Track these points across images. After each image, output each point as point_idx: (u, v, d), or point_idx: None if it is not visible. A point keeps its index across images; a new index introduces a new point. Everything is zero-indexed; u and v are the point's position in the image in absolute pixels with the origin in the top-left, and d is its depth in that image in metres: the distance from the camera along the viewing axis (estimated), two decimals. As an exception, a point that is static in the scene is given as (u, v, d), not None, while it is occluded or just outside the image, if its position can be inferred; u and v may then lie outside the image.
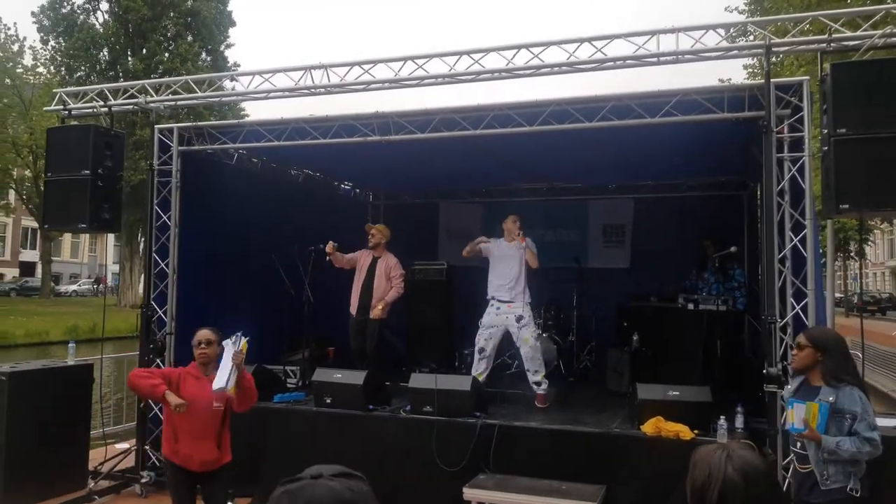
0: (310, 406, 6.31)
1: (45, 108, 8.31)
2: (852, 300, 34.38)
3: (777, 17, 4.93)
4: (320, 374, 6.30)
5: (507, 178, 9.44)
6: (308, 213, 8.45)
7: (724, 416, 5.02)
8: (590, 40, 5.34)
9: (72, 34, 31.81)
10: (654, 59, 5.18)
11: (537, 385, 6.70)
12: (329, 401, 6.13)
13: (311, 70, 6.11)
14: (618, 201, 9.84)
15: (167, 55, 32.01)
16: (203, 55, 33.44)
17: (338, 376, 6.21)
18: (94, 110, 6.81)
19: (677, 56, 5.13)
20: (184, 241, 6.84)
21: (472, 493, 5.02)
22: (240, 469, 5.98)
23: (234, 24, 35.35)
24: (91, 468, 6.40)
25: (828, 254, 15.90)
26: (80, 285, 45.32)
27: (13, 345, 22.12)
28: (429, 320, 8.48)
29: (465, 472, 5.35)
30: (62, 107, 6.85)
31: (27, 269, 45.10)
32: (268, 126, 6.61)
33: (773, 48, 4.89)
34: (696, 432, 5.07)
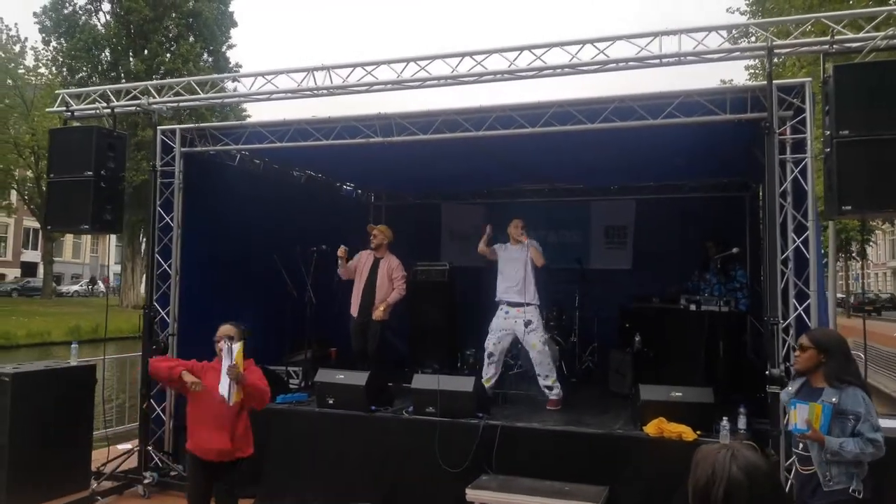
0: (312, 407, 6.31)
1: (47, 110, 8.32)
2: (849, 301, 34.51)
3: (779, 19, 4.93)
4: (323, 375, 6.31)
5: (509, 180, 9.44)
6: (310, 213, 8.46)
7: (726, 417, 5.03)
8: (592, 42, 5.34)
9: (73, 35, 31.86)
10: (657, 61, 5.17)
11: (549, 389, 6.67)
12: (331, 402, 6.13)
13: (314, 71, 6.11)
14: (620, 202, 9.84)
15: (169, 56, 32.06)
16: (205, 56, 33.49)
17: (340, 377, 6.21)
18: (97, 111, 6.82)
19: (680, 58, 5.13)
20: (186, 243, 6.86)
21: (474, 494, 5.02)
22: (243, 470, 6.05)
23: (235, 24, 35.42)
24: (94, 469, 6.38)
25: (829, 254, 15.89)
26: (81, 286, 45.37)
27: (15, 345, 22.13)
28: (431, 321, 8.47)
29: (467, 473, 5.35)
30: (65, 108, 6.85)
31: (29, 269, 45.16)
32: (270, 127, 6.62)
33: (776, 50, 4.88)
34: (698, 433, 5.07)
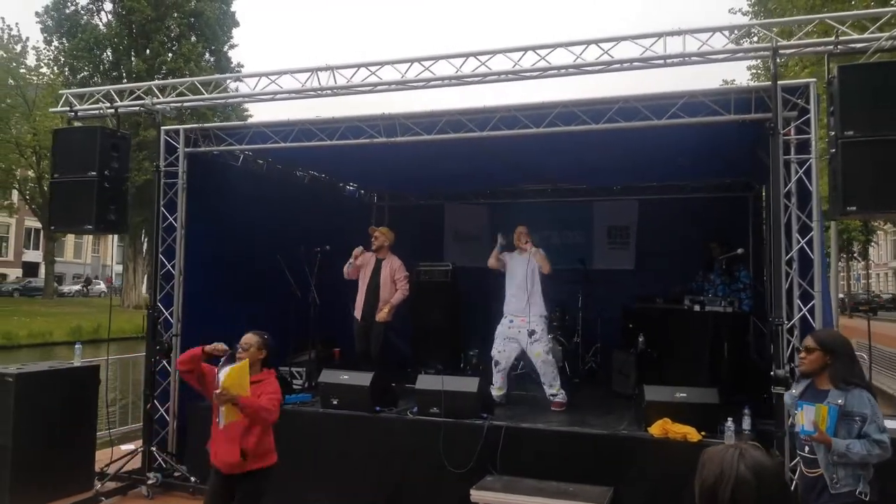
0: (316, 407, 6.31)
1: (51, 110, 8.32)
2: (846, 301, 34.46)
3: (784, 20, 4.93)
4: (327, 376, 6.31)
5: (513, 180, 9.44)
6: (313, 214, 8.46)
7: (731, 418, 5.03)
8: (596, 42, 5.33)
9: (75, 35, 31.84)
10: (661, 62, 5.17)
11: (553, 397, 6.68)
12: (336, 402, 6.13)
13: (318, 72, 6.10)
14: (622, 203, 9.83)
15: (170, 56, 32.06)
16: (206, 56, 33.48)
17: (344, 378, 6.21)
18: (101, 112, 6.81)
19: (684, 58, 5.12)
20: (190, 243, 6.85)
21: (479, 495, 5.02)
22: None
23: (237, 24, 35.40)
24: (97, 469, 6.39)
25: (831, 255, 15.89)
26: (78, 286, 45.37)
27: (17, 345, 22.15)
28: (434, 322, 8.46)
29: (471, 473, 5.35)
30: (69, 108, 6.85)
31: (30, 269, 45.18)
32: (274, 127, 6.61)
33: (780, 50, 4.88)
34: (703, 434, 5.08)
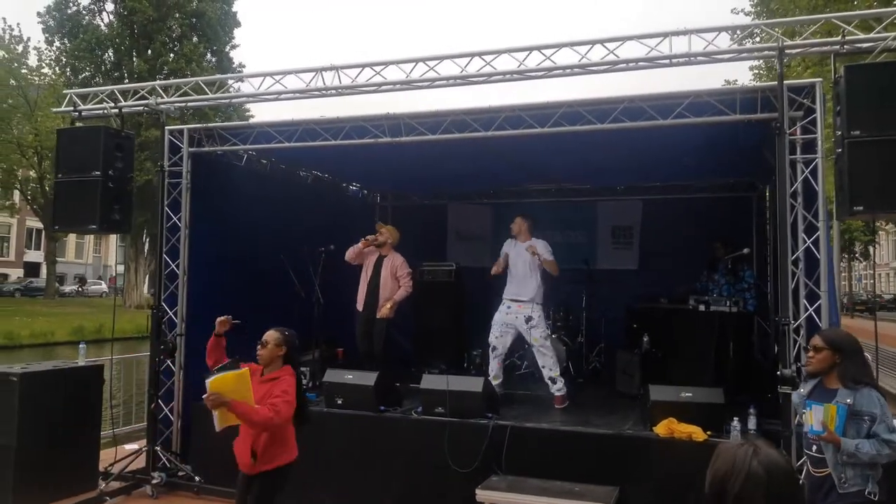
0: (321, 407, 6.28)
1: (55, 110, 8.30)
2: (843, 301, 34.41)
3: (790, 20, 4.92)
4: (331, 375, 6.30)
5: (516, 180, 9.43)
6: (317, 214, 8.44)
7: (737, 418, 5.02)
8: (602, 42, 5.32)
9: (77, 35, 31.89)
10: (667, 61, 5.16)
11: (552, 382, 6.69)
12: (340, 402, 6.13)
13: (323, 71, 6.09)
14: (626, 203, 9.83)
15: (172, 56, 32.09)
16: (208, 56, 33.52)
17: (349, 377, 6.21)
18: (105, 111, 6.81)
19: (689, 58, 5.10)
20: (193, 243, 6.84)
21: (484, 495, 5.01)
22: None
23: (238, 24, 35.45)
24: (101, 469, 6.38)
25: (833, 255, 15.85)
26: (75, 286, 45.37)
27: (18, 345, 22.16)
28: (438, 321, 8.46)
29: (476, 473, 5.34)
30: (72, 108, 6.84)
31: (31, 269, 45.19)
32: (278, 127, 6.60)
33: (786, 50, 4.87)
34: (708, 434, 5.06)
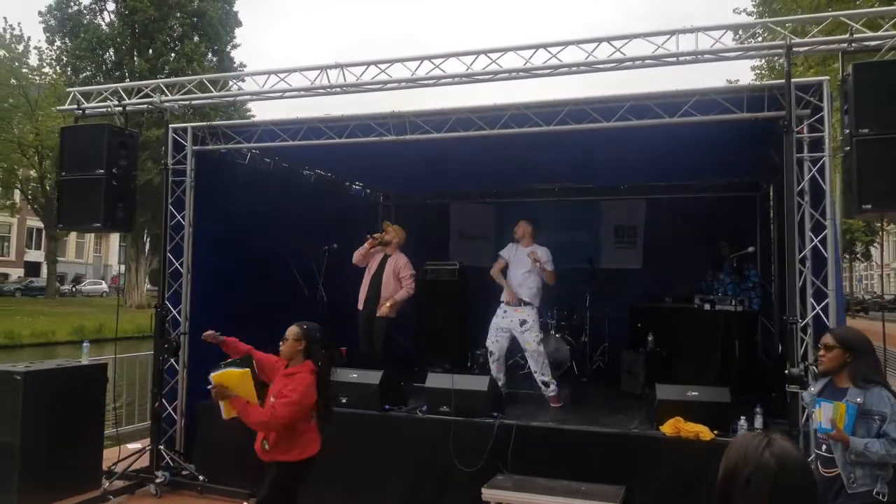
0: (325, 406, 6.28)
1: (59, 108, 8.28)
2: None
3: (798, 17, 4.91)
4: (335, 374, 6.26)
5: (519, 179, 9.41)
6: (320, 213, 8.42)
7: (743, 417, 5.01)
8: (608, 40, 5.30)
9: (78, 34, 31.90)
10: (674, 59, 5.13)
11: (545, 385, 6.74)
12: (344, 401, 6.10)
13: (328, 69, 6.07)
14: (630, 202, 9.81)
15: (173, 56, 32.10)
16: (209, 56, 33.51)
17: (353, 376, 6.19)
18: (109, 109, 6.79)
19: (696, 56, 5.09)
20: (197, 241, 6.84)
21: (490, 494, 4.99)
22: (256, 470, 6.01)
23: (240, 24, 35.44)
24: (105, 468, 6.37)
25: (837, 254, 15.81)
26: (84, 285, 45.34)
27: (19, 345, 22.13)
28: (441, 321, 8.45)
29: (482, 472, 5.32)
30: (76, 106, 6.83)
31: (32, 269, 45.18)
32: (283, 126, 6.58)
33: (794, 48, 4.86)
34: (715, 433, 5.05)
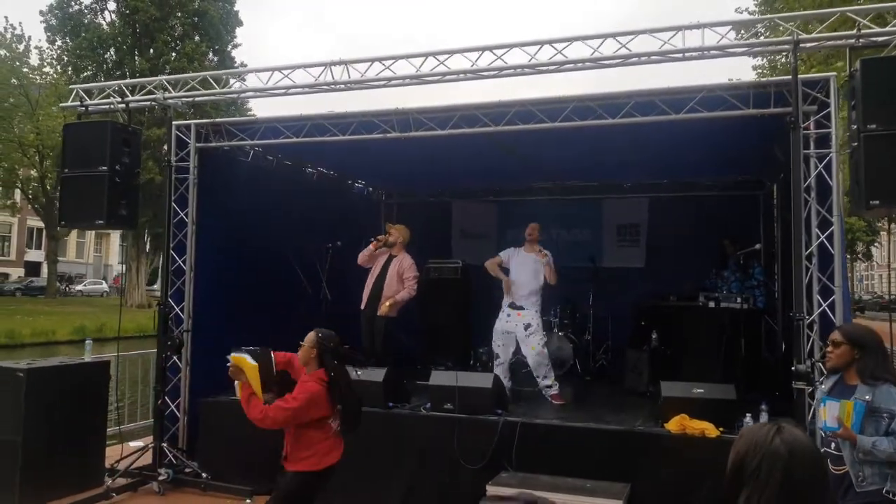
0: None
1: (62, 105, 8.25)
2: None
3: (806, 13, 4.90)
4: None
5: (522, 178, 9.39)
6: (322, 211, 8.40)
7: (749, 414, 4.99)
8: (614, 36, 5.27)
9: (79, 34, 31.88)
10: (680, 55, 5.12)
11: (549, 388, 6.77)
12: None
13: (332, 66, 6.06)
14: (632, 200, 9.79)
15: (174, 55, 32.06)
16: (210, 55, 33.49)
17: (357, 373, 6.14)
18: (112, 106, 6.78)
19: (703, 52, 5.08)
20: (199, 239, 6.82)
21: (495, 491, 4.96)
22: (259, 467, 6.00)
23: (240, 24, 35.41)
24: (107, 466, 6.35)
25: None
26: (85, 285, 45.29)
27: (20, 344, 22.07)
28: (444, 319, 8.43)
29: (486, 469, 5.31)
30: (79, 103, 6.82)
31: (32, 269, 45.14)
32: (286, 122, 6.56)
33: (801, 44, 4.84)
34: (721, 430, 5.02)
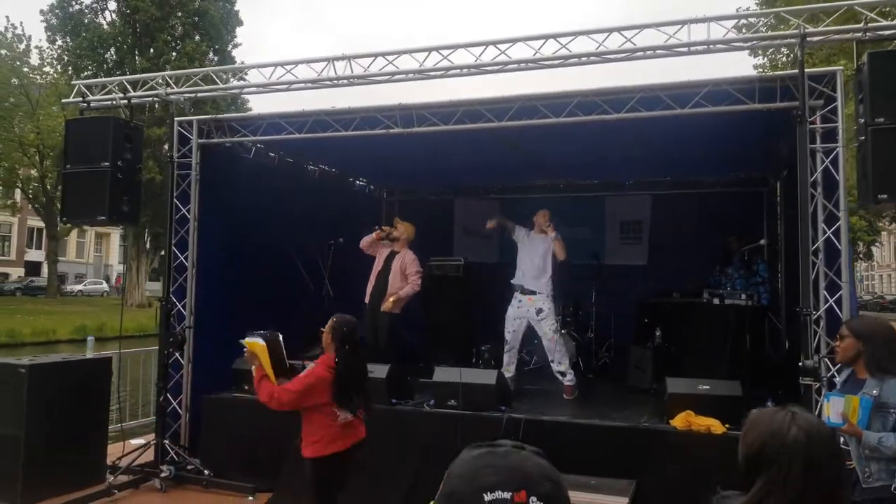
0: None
1: (64, 101, 8.24)
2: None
3: (811, 7, 4.85)
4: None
5: (524, 175, 9.37)
6: (324, 208, 8.39)
7: (755, 410, 4.95)
8: (619, 30, 5.25)
9: (79, 33, 31.86)
10: (685, 49, 5.08)
11: (562, 375, 6.71)
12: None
13: (334, 61, 6.03)
14: (635, 198, 9.76)
15: (174, 55, 32.04)
16: (210, 55, 33.46)
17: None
18: (114, 102, 6.75)
19: (709, 45, 5.04)
20: (202, 235, 6.79)
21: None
22: (262, 464, 5.99)
23: (241, 23, 35.41)
24: (109, 463, 6.32)
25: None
26: (86, 285, 45.27)
27: (20, 343, 22.04)
28: (446, 316, 8.41)
29: (491, 466, 5.27)
30: (81, 99, 6.79)
31: (32, 268, 45.12)
32: (288, 118, 6.54)
33: (808, 37, 4.81)
34: (727, 426, 4.99)
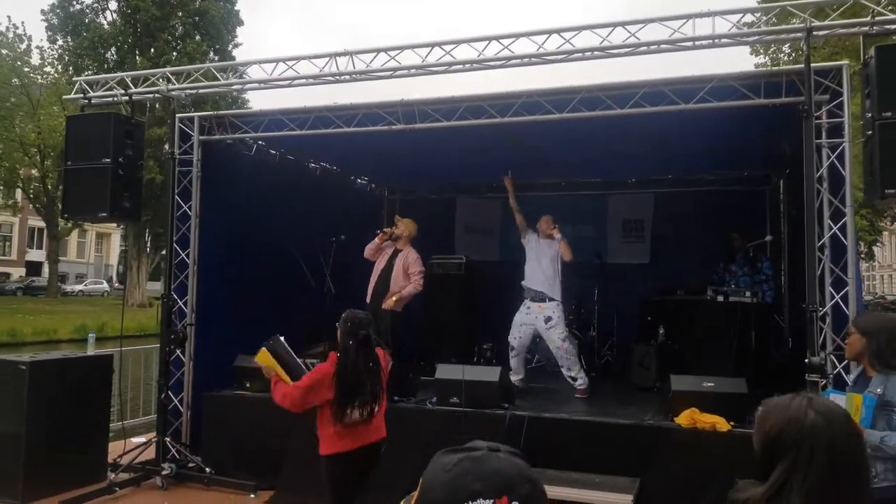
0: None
1: (65, 97, 8.22)
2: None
3: (818, 1, 4.83)
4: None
5: (526, 173, 9.31)
6: (325, 206, 8.35)
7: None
8: (623, 24, 5.21)
9: (80, 33, 31.87)
10: (690, 44, 5.05)
11: (573, 380, 6.70)
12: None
13: (336, 57, 6.00)
14: (637, 196, 9.72)
15: (175, 54, 32.01)
16: (211, 55, 33.44)
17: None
18: (115, 98, 6.73)
19: (714, 40, 5.02)
20: (203, 232, 6.77)
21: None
22: (263, 461, 5.96)
23: (241, 23, 35.41)
24: (110, 460, 6.29)
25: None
26: (85, 285, 45.24)
27: (21, 342, 22.02)
28: (447, 315, 8.37)
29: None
30: (82, 95, 6.77)
31: (33, 268, 45.10)
32: (290, 115, 6.51)
33: (814, 31, 4.78)
34: (732, 424, 4.96)
